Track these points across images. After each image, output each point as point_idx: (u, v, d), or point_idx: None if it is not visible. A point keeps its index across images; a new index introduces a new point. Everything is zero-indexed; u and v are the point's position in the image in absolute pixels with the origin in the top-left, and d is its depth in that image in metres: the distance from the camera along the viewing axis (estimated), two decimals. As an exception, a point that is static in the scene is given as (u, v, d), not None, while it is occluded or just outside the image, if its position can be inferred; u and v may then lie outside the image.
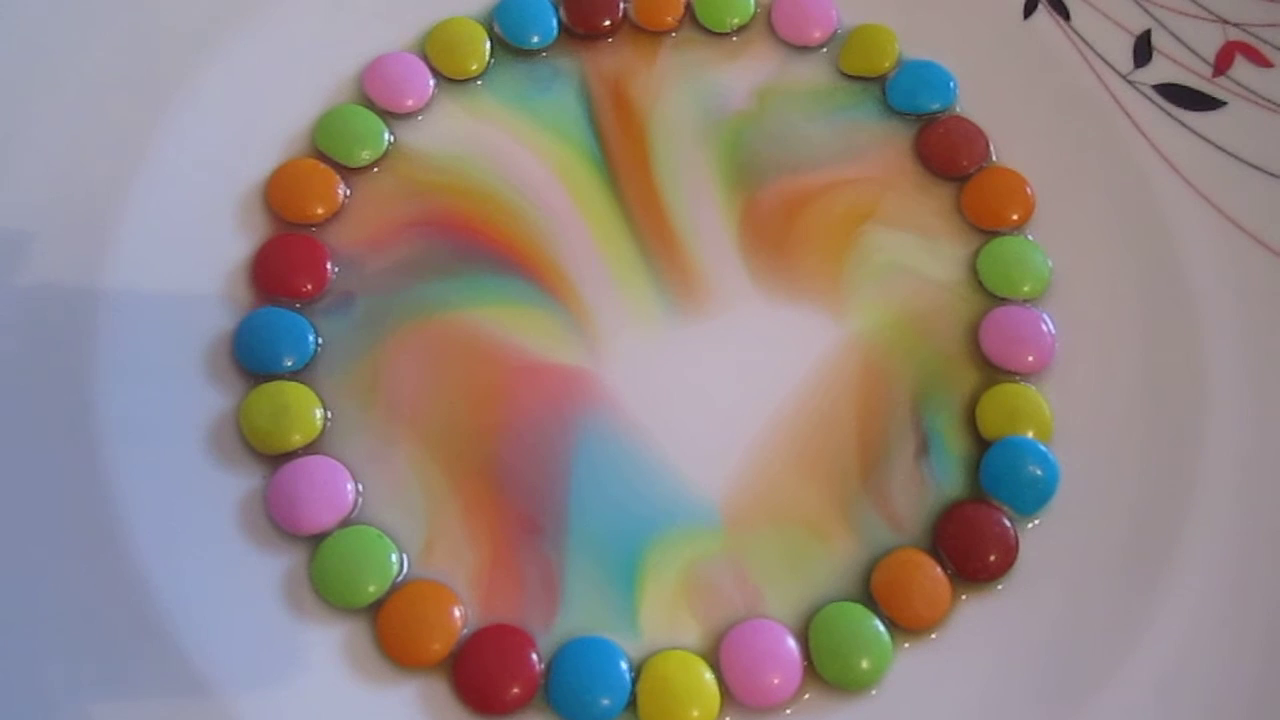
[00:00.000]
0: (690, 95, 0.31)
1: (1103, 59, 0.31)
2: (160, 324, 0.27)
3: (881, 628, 0.25)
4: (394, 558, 0.25)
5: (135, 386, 0.26)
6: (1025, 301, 0.29)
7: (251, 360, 0.27)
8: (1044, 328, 0.28)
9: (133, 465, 0.26)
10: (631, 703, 0.25)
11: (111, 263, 0.27)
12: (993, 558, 0.26)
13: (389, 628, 0.25)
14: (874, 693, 0.25)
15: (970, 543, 0.26)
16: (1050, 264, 0.29)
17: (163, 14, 0.30)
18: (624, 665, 0.25)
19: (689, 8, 0.32)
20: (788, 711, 0.25)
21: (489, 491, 0.26)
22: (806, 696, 0.25)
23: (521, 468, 0.27)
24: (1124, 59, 0.31)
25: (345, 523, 0.26)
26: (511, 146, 0.30)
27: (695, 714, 0.24)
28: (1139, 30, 0.31)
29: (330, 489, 0.26)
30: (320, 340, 0.28)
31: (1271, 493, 0.27)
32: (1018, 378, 0.28)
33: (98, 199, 0.28)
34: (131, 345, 0.27)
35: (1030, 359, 0.28)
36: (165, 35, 0.30)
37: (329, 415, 0.27)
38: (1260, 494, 0.27)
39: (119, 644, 0.24)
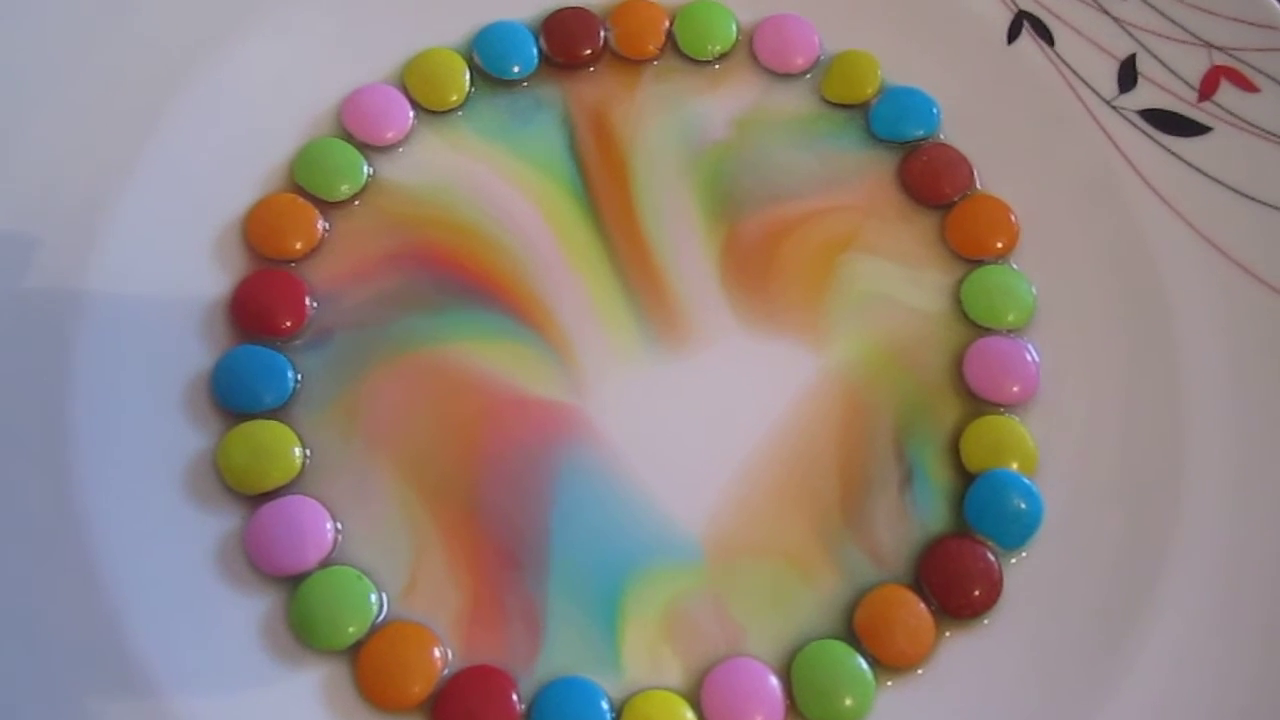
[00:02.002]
0: (672, 124, 0.31)
1: (1087, 84, 0.31)
2: (138, 363, 0.27)
3: (864, 665, 0.25)
4: (373, 598, 0.25)
5: (113, 426, 0.26)
6: (1009, 331, 0.29)
7: (230, 399, 0.27)
8: (1028, 358, 0.28)
9: (110, 505, 0.26)
10: (613, 744, 0.24)
11: (88, 300, 0.27)
12: (977, 593, 0.26)
13: (369, 670, 0.25)
14: (857, 731, 0.25)
15: (954, 578, 0.26)
16: (1035, 293, 0.29)
17: (136, 50, 0.30)
18: (605, 706, 0.25)
19: (670, 36, 0.32)
20: (770, 751, 0.25)
21: (470, 529, 0.26)
22: (789, 736, 0.25)
23: (503, 504, 0.27)
24: (1108, 84, 0.31)
25: (325, 563, 0.26)
26: (492, 179, 0.30)
27: (677, 755, 0.24)
28: (1123, 55, 0.31)
29: (309, 529, 0.26)
30: (299, 377, 0.27)
31: (1256, 523, 0.26)
32: (1002, 409, 0.28)
33: (73, 236, 0.28)
34: (109, 384, 0.27)
35: (1015, 390, 0.28)
36: (140, 71, 0.30)
37: (308, 453, 0.27)
38: (1245, 525, 0.26)
39: (94, 685, 0.24)
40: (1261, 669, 0.25)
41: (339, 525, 0.26)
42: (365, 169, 0.30)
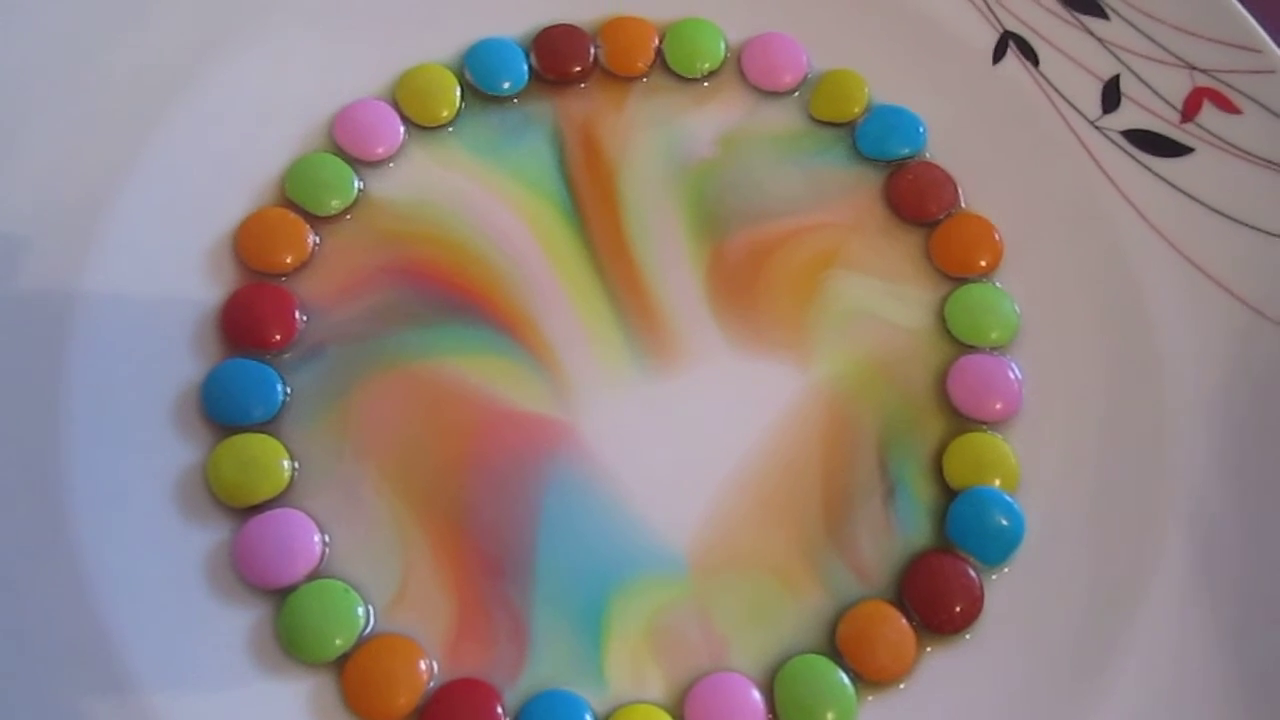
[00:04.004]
0: (660, 142, 0.31)
1: (1071, 104, 0.31)
2: (128, 375, 0.27)
3: (846, 680, 0.25)
4: (360, 611, 0.25)
5: (103, 439, 0.26)
6: (993, 349, 0.29)
7: (220, 412, 0.27)
8: (1011, 376, 0.29)
9: (99, 518, 0.26)
10: (596, 758, 0.25)
11: (79, 313, 0.27)
12: (958, 609, 0.26)
13: (355, 682, 0.25)
14: (839, 746, 0.25)
15: (936, 593, 0.26)
16: (1018, 311, 0.29)
17: (129, 64, 0.30)
18: (589, 719, 0.25)
19: (660, 53, 0.32)
20: (752, 766, 0.25)
21: (457, 542, 0.26)
22: (771, 751, 0.25)
23: (490, 517, 0.27)
24: (1092, 104, 0.31)
25: (312, 575, 0.26)
26: (482, 195, 0.30)
27: (660, 769, 0.24)
28: (1107, 75, 0.31)
29: (297, 542, 0.26)
30: (289, 391, 0.28)
31: (1237, 541, 0.27)
32: (985, 426, 0.28)
33: (64, 248, 0.28)
34: (99, 397, 0.27)
35: (998, 407, 0.28)
36: (133, 85, 0.30)
37: (297, 466, 0.27)
38: (1225, 542, 0.27)
39: (81, 696, 0.24)
40: (1240, 686, 0.25)
41: (327, 538, 0.26)
42: (356, 184, 0.30)
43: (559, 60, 0.32)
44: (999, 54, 0.32)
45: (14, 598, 0.25)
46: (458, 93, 0.31)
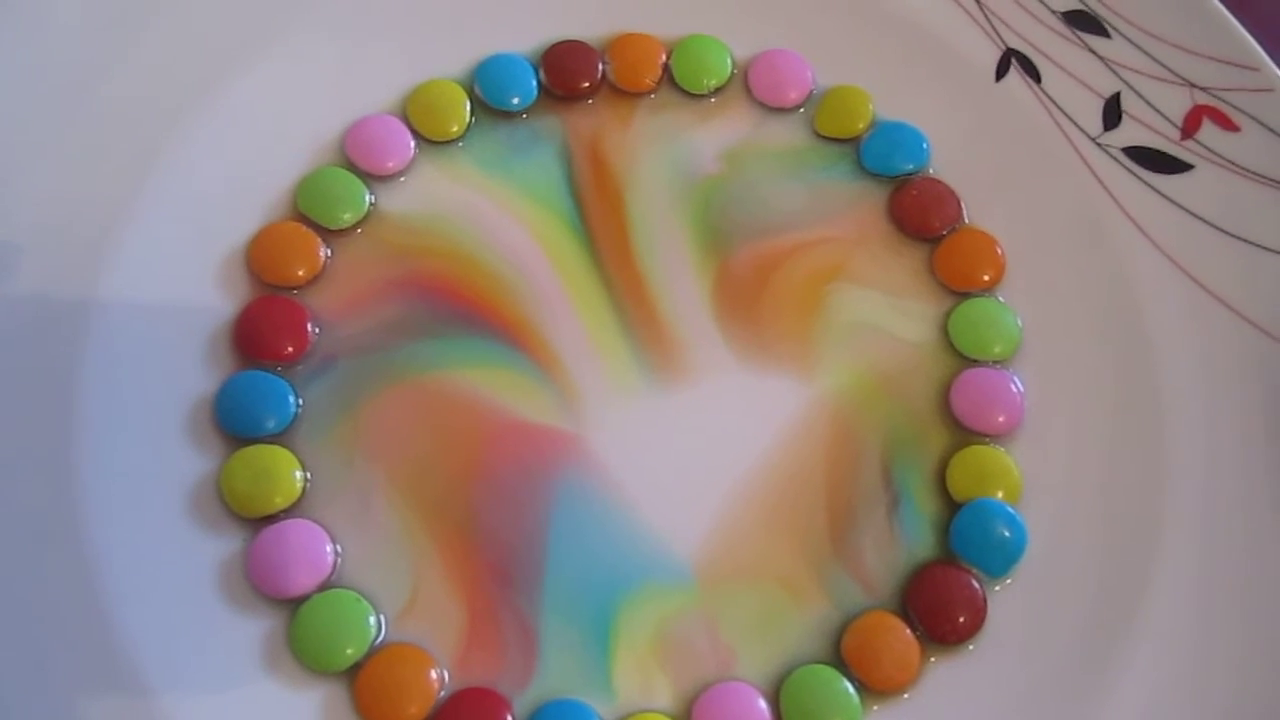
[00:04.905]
0: (667, 157, 0.32)
1: (1073, 121, 0.32)
2: (142, 387, 0.27)
3: (852, 690, 0.26)
4: (372, 620, 0.26)
5: (117, 449, 0.27)
6: (995, 363, 0.29)
7: (233, 424, 0.27)
8: (1014, 389, 0.29)
9: (113, 528, 0.26)
10: (605, 767, 0.25)
11: (93, 325, 0.28)
12: (962, 619, 0.26)
13: (367, 691, 0.25)
14: (844, 755, 0.25)
15: (940, 604, 0.27)
16: (1020, 325, 0.30)
17: (144, 79, 0.30)
18: (597, 729, 0.25)
19: (667, 69, 0.33)
20: (759, 775, 0.25)
21: (467, 552, 0.27)
22: (778, 760, 0.25)
23: (500, 527, 0.27)
24: (1093, 121, 0.32)
25: (324, 586, 0.26)
26: (491, 210, 0.31)
27: (667, 778, 0.25)
28: (1108, 93, 0.32)
29: (309, 552, 0.26)
30: (301, 402, 0.28)
31: (1235, 554, 0.27)
32: (988, 439, 0.29)
33: (78, 260, 0.28)
34: (114, 408, 0.27)
35: (1000, 420, 0.29)
36: (147, 100, 0.30)
37: (309, 477, 0.27)
38: (1225, 555, 0.27)
39: (95, 706, 0.24)
40: (1239, 695, 0.26)
41: (339, 548, 0.27)
42: (367, 198, 0.30)
43: (567, 76, 0.32)
44: (1002, 71, 0.32)
45: (28, 607, 0.25)
46: (467, 108, 0.32)
